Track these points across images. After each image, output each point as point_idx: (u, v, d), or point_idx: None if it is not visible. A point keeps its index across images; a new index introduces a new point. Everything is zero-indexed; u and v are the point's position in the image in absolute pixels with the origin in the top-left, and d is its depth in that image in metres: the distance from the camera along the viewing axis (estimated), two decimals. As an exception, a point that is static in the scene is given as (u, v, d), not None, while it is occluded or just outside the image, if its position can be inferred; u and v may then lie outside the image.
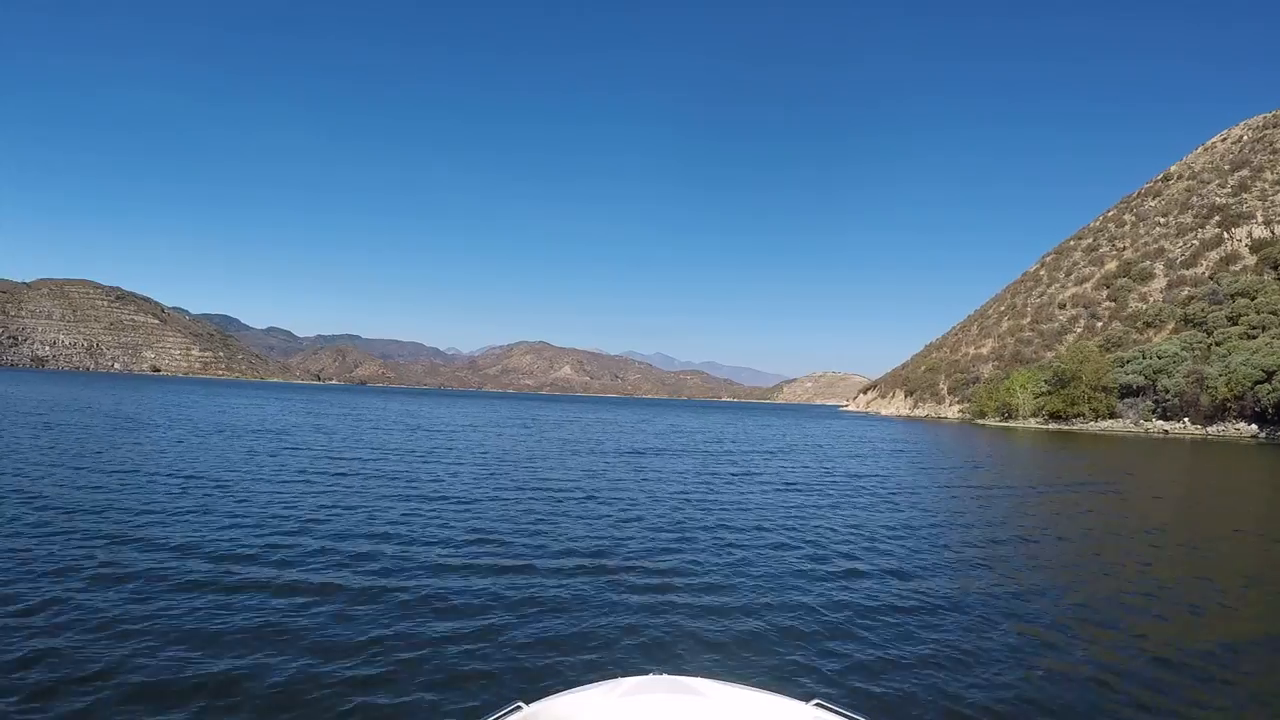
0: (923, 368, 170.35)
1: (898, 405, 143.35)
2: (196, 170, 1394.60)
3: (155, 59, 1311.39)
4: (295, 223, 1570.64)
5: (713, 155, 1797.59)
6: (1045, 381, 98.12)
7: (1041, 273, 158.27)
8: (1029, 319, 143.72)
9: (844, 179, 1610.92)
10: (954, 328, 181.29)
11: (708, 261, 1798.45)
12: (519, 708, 3.58)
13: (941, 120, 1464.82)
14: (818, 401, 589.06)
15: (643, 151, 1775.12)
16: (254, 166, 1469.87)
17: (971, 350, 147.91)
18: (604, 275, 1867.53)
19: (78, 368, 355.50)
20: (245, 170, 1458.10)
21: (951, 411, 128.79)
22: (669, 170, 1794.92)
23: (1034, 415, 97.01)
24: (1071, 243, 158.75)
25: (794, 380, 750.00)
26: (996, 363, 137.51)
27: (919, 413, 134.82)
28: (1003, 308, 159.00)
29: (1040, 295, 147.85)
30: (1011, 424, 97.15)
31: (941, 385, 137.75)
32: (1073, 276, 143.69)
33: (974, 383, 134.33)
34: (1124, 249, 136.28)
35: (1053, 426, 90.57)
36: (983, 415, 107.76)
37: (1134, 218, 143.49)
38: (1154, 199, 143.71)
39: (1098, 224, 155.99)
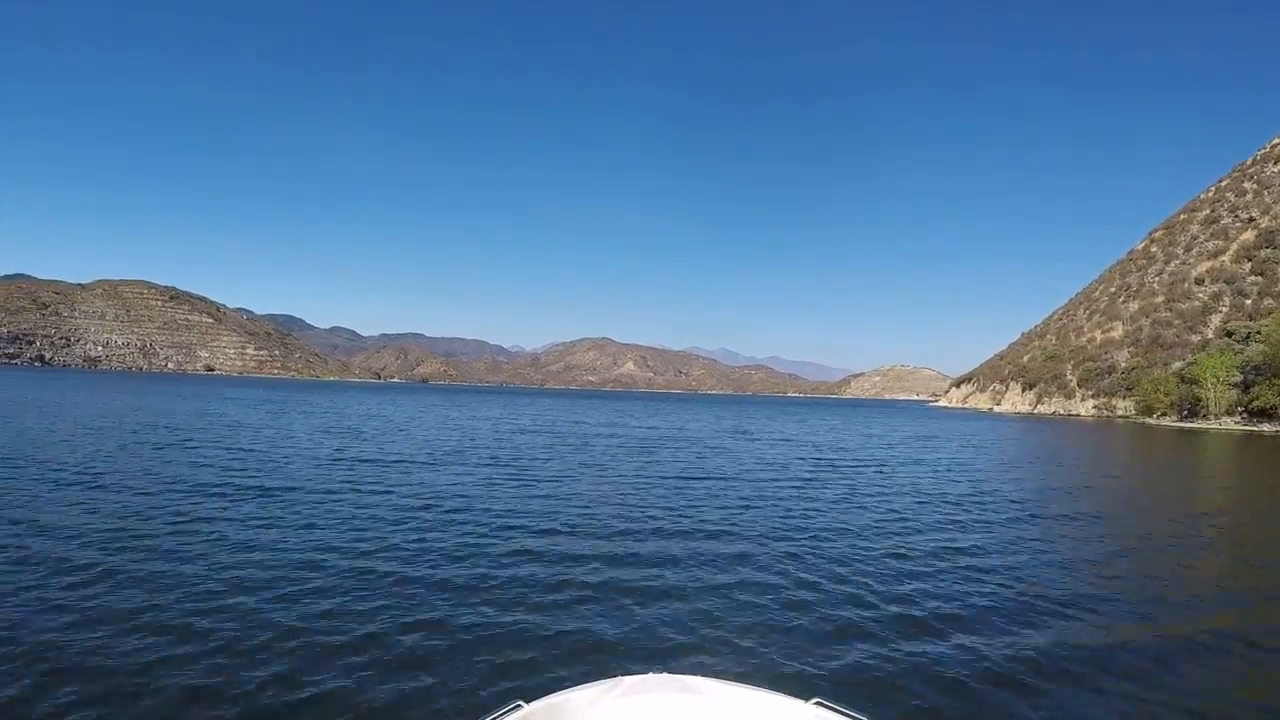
0: (1026, 356, 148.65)
1: (1013, 400, 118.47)
2: (262, 170, 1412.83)
3: (212, 56, 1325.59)
4: (357, 219, 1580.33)
5: (764, 150, 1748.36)
6: (1238, 369, 73.11)
7: (1153, 249, 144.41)
8: (1161, 298, 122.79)
9: (896, 167, 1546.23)
10: (1055, 313, 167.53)
11: (769, 256, 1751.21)
12: (519, 706, 3.52)
13: (1001, 111, 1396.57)
14: (886, 396, 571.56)
15: (693, 151, 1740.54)
16: (314, 164, 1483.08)
17: (1098, 335, 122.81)
18: (666, 271, 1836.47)
19: (131, 368, 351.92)
20: (308, 168, 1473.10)
21: (1084, 407, 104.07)
22: (725, 169, 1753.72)
23: (1229, 413, 71.96)
24: (1183, 216, 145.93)
25: (861, 374, 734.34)
26: (1133, 348, 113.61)
27: (1044, 409, 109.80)
28: (1113, 289, 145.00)
29: (1160, 273, 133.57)
30: (1197, 424, 72.18)
31: (1069, 376, 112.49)
32: (1194, 251, 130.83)
33: (1109, 373, 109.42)
34: (1254, 219, 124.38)
35: (1266, 428, 65.55)
36: (1149, 412, 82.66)
37: (1255, 185, 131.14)
38: (1275, 165, 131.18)
39: (1211, 194, 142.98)
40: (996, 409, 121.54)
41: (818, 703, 3.56)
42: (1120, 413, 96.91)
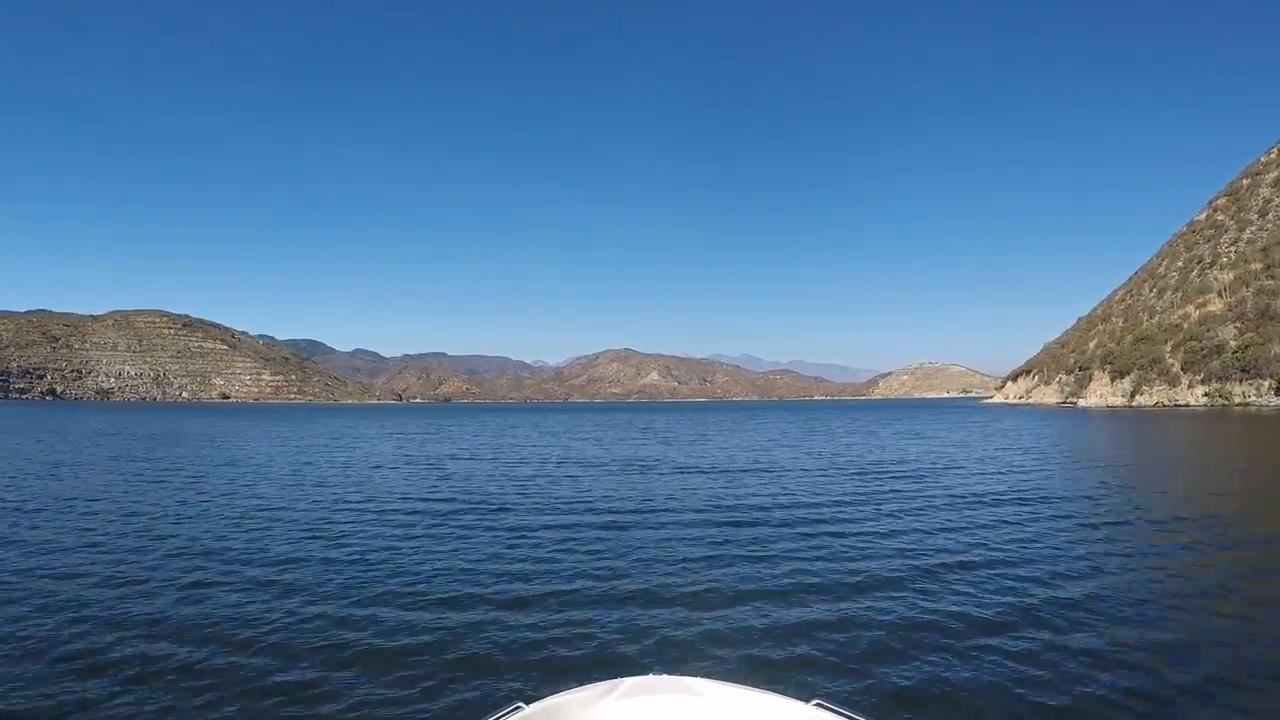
0: (1093, 341, 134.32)
1: (1102, 392, 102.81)
2: (279, 197, 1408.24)
3: (217, 83, 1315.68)
4: (378, 242, 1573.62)
5: (774, 153, 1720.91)
6: None
7: (1219, 217, 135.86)
8: (1258, 265, 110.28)
9: (907, 164, 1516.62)
10: (1116, 293, 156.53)
11: (787, 259, 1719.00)
12: (519, 708, 3.51)
13: (1007, 104, 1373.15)
14: (917, 395, 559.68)
15: (704, 157, 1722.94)
16: (330, 189, 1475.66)
17: (1192, 311, 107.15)
18: (686, 279, 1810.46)
19: (144, 398, 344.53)
20: (324, 193, 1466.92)
21: (1193, 395, 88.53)
22: (737, 174, 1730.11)
23: None
24: (1246, 182, 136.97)
25: (889, 374, 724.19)
26: (1239, 324, 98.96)
27: (1144, 401, 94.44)
28: (1179, 263, 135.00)
29: (1235, 241, 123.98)
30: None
31: (1171, 360, 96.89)
32: (1270, 216, 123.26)
33: (1217, 353, 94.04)
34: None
35: None
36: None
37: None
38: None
39: (1275, 156, 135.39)
40: (1081, 403, 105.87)
41: (818, 704, 3.49)
42: (1239, 399, 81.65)
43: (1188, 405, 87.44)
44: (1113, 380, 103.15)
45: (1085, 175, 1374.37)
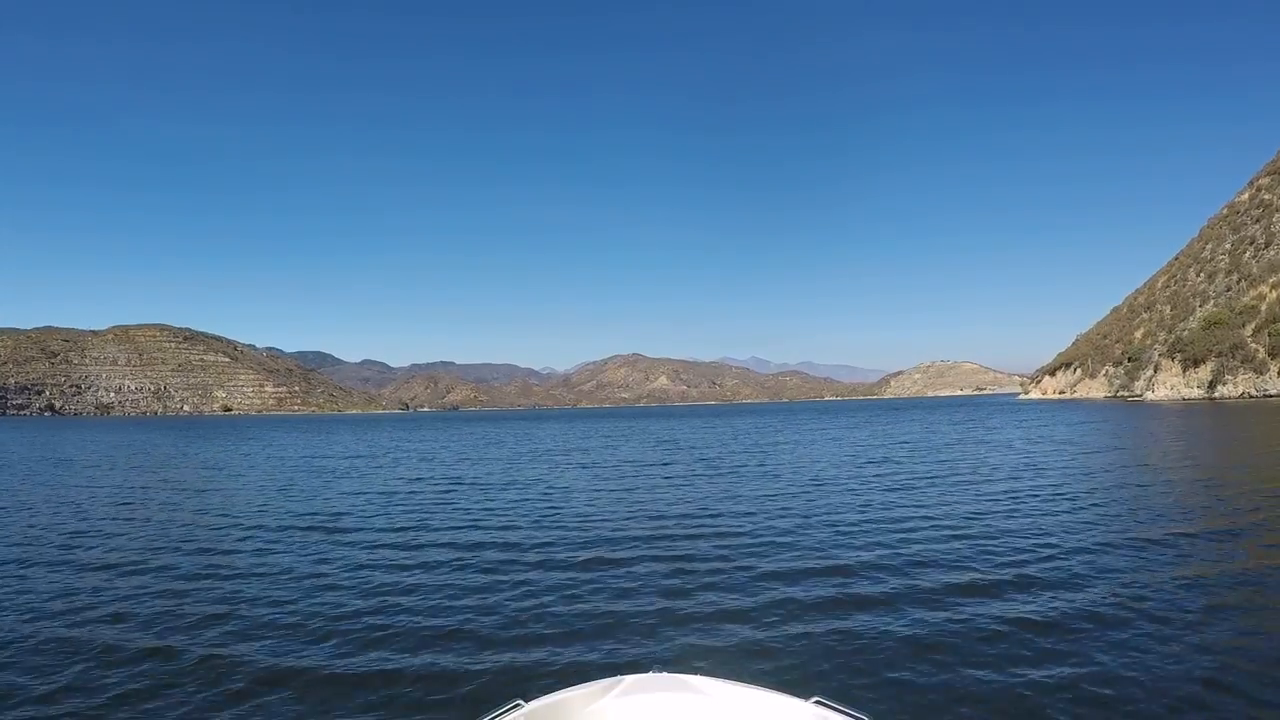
0: (1140, 331, 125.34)
1: (1172, 383, 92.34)
2: (282, 208, 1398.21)
3: (216, 91, 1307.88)
4: (383, 251, 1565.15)
5: (776, 152, 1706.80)
6: None
7: (1265, 197, 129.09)
8: None
9: (911, 161, 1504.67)
10: (1157, 278, 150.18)
11: (793, 261, 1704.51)
12: (518, 705, 3.50)
13: (1013, 99, 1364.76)
14: (930, 394, 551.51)
15: (706, 158, 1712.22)
16: (334, 198, 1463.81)
17: (1268, 291, 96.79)
18: (693, 283, 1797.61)
19: (145, 413, 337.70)
20: (329, 202, 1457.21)
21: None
22: (739, 175, 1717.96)
23: None
24: None
25: (900, 373, 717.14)
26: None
27: (1228, 392, 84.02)
28: (1227, 245, 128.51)
29: None
30: None
31: (1255, 346, 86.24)
32: None
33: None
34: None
35: None
36: None
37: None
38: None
39: None
40: (1150, 396, 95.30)
41: (818, 701, 3.49)
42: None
43: (1275, 396, 77.08)
44: (1184, 370, 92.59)
45: (1091, 170, 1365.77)
